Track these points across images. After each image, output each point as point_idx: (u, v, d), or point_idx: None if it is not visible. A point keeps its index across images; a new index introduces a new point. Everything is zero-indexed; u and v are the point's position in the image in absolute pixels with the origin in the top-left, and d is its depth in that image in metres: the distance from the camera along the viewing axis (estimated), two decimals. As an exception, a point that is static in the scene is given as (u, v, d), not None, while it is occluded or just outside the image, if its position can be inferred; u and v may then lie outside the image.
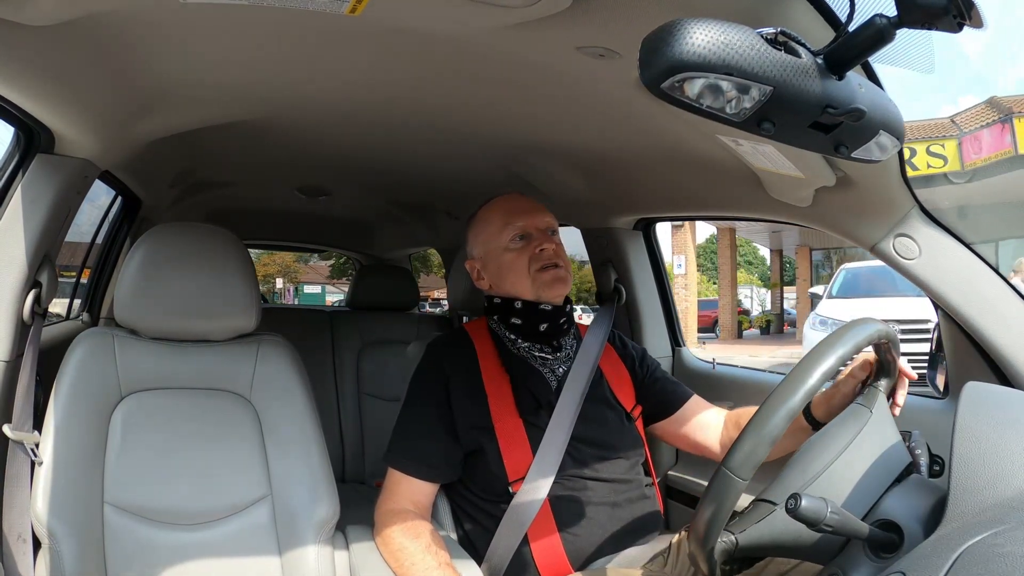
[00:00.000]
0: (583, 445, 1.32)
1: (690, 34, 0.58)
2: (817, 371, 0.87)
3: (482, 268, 1.45)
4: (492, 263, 1.42)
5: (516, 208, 1.43)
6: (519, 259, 1.37)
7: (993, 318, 1.17)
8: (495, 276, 1.42)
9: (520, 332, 1.40)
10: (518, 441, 1.29)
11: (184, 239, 1.28)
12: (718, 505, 0.85)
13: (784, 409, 0.85)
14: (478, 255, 1.46)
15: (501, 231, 1.40)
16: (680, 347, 2.06)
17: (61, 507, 1.10)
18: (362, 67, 1.15)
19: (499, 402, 1.33)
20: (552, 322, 1.39)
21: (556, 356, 1.41)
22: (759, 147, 1.09)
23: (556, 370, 1.40)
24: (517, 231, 1.39)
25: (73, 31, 0.89)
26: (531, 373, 1.37)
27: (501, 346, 1.41)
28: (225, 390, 1.31)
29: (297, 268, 26.39)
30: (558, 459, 1.28)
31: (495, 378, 1.35)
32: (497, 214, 1.43)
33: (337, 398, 2.58)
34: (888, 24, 0.60)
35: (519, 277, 1.37)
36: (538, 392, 1.34)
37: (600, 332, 1.49)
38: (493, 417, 1.31)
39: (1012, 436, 0.75)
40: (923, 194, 1.16)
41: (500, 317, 1.42)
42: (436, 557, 1.16)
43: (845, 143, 0.71)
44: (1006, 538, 0.62)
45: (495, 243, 1.41)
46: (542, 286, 1.36)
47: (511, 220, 1.40)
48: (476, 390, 1.33)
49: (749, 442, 0.85)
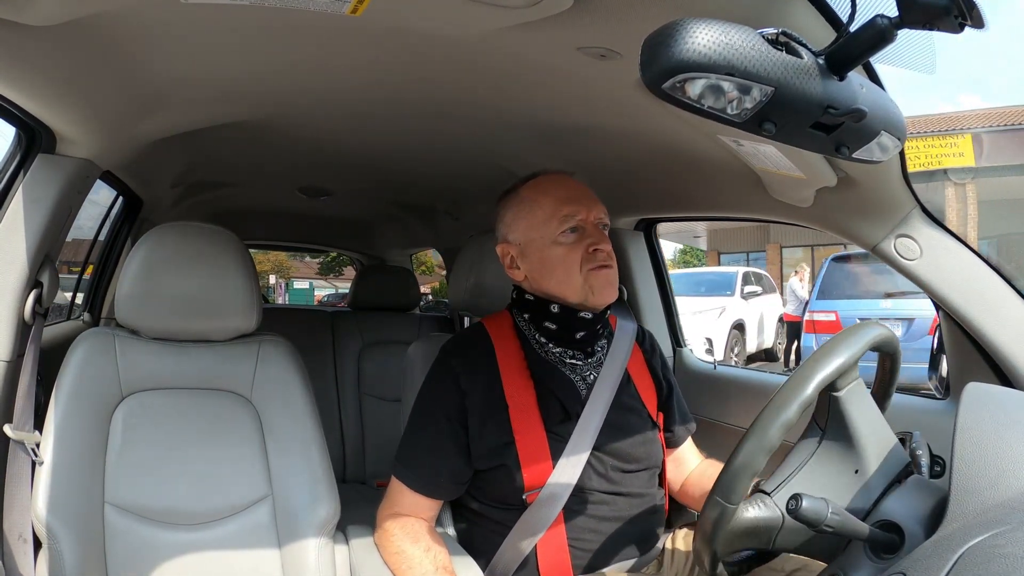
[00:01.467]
0: (605, 456, 1.23)
1: (691, 34, 0.58)
2: (812, 383, 0.86)
3: (519, 256, 1.27)
4: (535, 253, 1.25)
5: (571, 195, 1.26)
6: (570, 256, 1.22)
7: (994, 318, 1.17)
8: (536, 268, 1.25)
9: (553, 337, 1.27)
10: (539, 454, 1.20)
11: (185, 239, 1.27)
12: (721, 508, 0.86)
13: (779, 422, 0.85)
14: (516, 240, 1.27)
15: (550, 219, 1.23)
16: (681, 347, 2.06)
17: (62, 507, 1.10)
18: (363, 67, 1.15)
19: (521, 414, 1.21)
20: (590, 330, 1.27)
21: (587, 362, 1.29)
22: (760, 147, 1.09)
23: (587, 377, 1.28)
24: (570, 223, 1.23)
25: (74, 31, 0.89)
26: (561, 381, 1.25)
27: (527, 347, 1.28)
28: (226, 390, 1.31)
29: (290, 265, 26.91)
30: (578, 471, 1.19)
31: (518, 387, 1.23)
32: (548, 198, 1.25)
33: (338, 398, 2.58)
34: (889, 24, 0.60)
35: (568, 276, 1.22)
36: (567, 402, 1.23)
37: (628, 336, 1.36)
38: (515, 431, 1.20)
39: (1013, 437, 0.75)
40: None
41: (531, 317, 1.28)
42: (434, 561, 1.14)
43: (846, 143, 0.71)
44: (1007, 539, 0.61)
45: (542, 232, 1.24)
46: (592, 290, 1.22)
47: (565, 209, 1.23)
48: (496, 403, 1.22)
49: (753, 442, 0.86)
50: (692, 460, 1.43)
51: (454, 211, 2.62)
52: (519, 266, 1.28)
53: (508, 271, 1.31)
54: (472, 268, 1.61)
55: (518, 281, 1.30)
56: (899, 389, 1.08)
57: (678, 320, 2.09)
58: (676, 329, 2.07)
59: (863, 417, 0.91)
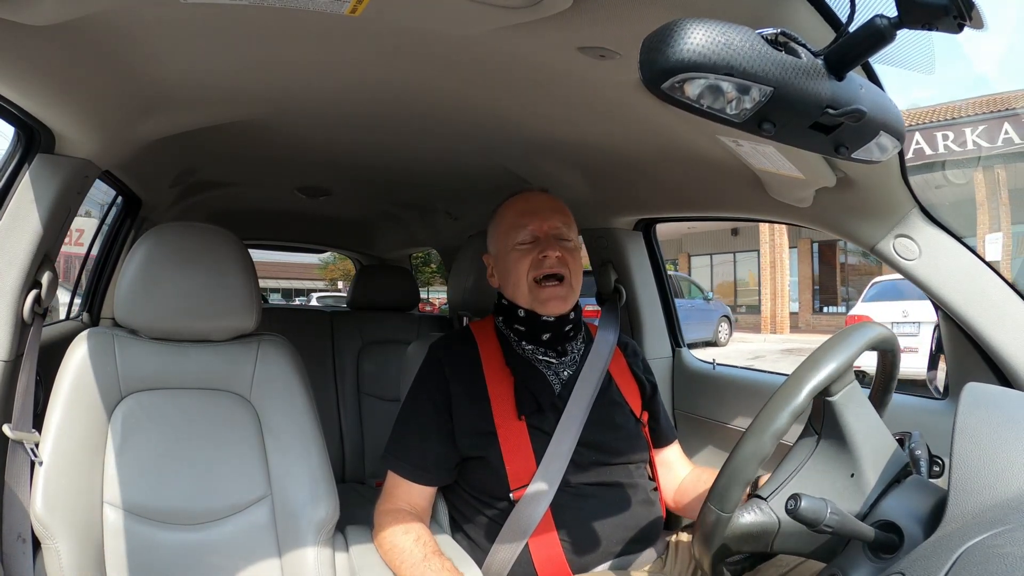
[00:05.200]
0: (590, 450, 1.28)
1: (690, 35, 0.58)
2: (803, 392, 0.86)
3: (494, 265, 1.42)
4: (501, 261, 1.39)
5: (529, 207, 1.38)
6: (521, 262, 1.33)
7: (993, 319, 1.17)
8: (502, 275, 1.39)
9: (524, 336, 1.37)
10: (521, 446, 1.26)
11: (184, 239, 1.27)
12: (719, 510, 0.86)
13: (771, 430, 0.85)
14: (493, 251, 1.43)
15: (510, 229, 1.36)
16: (680, 347, 2.06)
17: (60, 507, 1.10)
18: (362, 67, 1.15)
19: (502, 404, 1.29)
20: (555, 331, 1.36)
21: (561, 360, 1.38)
22: (759, 147, 1.09)
23: (560, 373, 1.37)
24: (523, 233, 1.34)
25: (73, 31, 0.89)
26: (533, 374, 1.34)
27: (506, 346, 1.38)
28: (225, 390, 1.31)
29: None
30: (563, 466, 1.25)
31: (498, 380, 1.32)
32: (511, 211, 1.39)
33: (337, 398, 2.58)
34: (888, 25, 0.60)
35: (518, 281, 1.34)
36: (539, 394, 1.31)
37: (610, 336, 1.46)
38: (496, 421, 1.27)
39: (1012, 437, 0.75)
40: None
41: (505, 319, 1.39)
42: (424, 547, 1.16)
43: (845, 144, 0.71)
44: (1006, 539, 0.61)
45: (504, 241, 1.37)
46: (537, 301, 1.33)
47: (520, 220, 1.36)
48: (478, 393, 1.30)
49: (751, 443, 0.86)
50: (682, 467, 1.46)
51: (454, 211, 2.62)
52: (495, 274, 1.43)
53: (488, 279, 1.46)
54: (472, 268, 1.62)
55: (496, 287, 1.44)
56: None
57: (677, 320, 2.09)
58: (675, 329, 2.07)
59: (859, 422, 0.90)
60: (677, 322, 2.08)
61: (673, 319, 2.07)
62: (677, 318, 2.09)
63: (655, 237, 2.08)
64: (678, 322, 2.09)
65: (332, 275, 28.74)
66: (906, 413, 1.32)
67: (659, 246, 2.09)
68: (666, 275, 2.09)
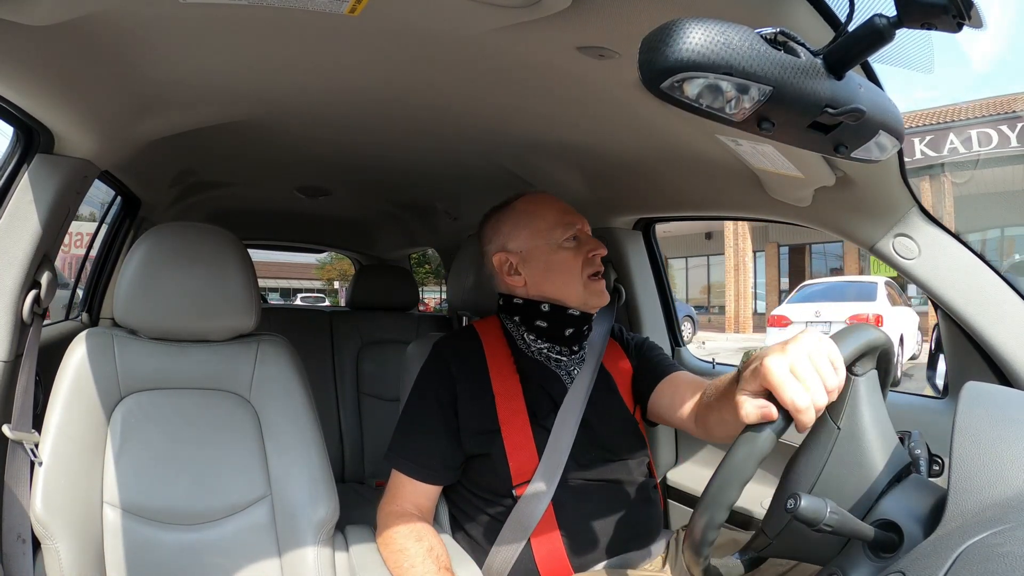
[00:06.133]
0: (588, 447, 1.29)
1: (689, 34, 0.58)
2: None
3: (520, 263, 1.36)
4: (539, 260, 1.34)
5: (568, 208, 1.39)
6: (573, 260, 1.33)
7: (993, 318, 1.17)
8: (539, 273, 1.35)
9: (543, 334, 1.36)
10: (524, 443, 1.26)
11: (184, 239, 1.27)
12: (711, 515, 0.85)
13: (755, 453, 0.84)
14: (518, 248, 1.36)
15: (554, 227, 1.34)
16: (680, 347, 2.06)
17: (60, 507, 1.10)
18: (362, 67, 1.15)
19: (507, 403, 1.29)
20: (578, 327, 1.37)
21: (572, 358, 1.38)
22: (758, 147, 1.09)
23: (571, 372, 1.37)
24: (572, 231, 1.34)
25: (73, 31, 0.89)
26: (547, 374, 1.34)
27: (514, 347, 1.37)
28: (225, 390, 1.31)
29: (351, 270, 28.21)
30: (563, 462, 1.25)
31: (504, 378, 1.31)
32: (551, 210, 1.37)
33: (337, 398, 2.58)
34: (888, 24, 0.60)
35: (571, 278, 1.33)
36: (555, 393, 1.31)
37: (603, 331, 1.46)
38: (500, 419, 1.27)
39: (1012, 436, 0.75)
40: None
41: (522, 319, 1.37)
42: (437, 561, 1.15)
43: (845, 143, 0.71)
44: (1006, 538, 0.61)
45: (547, 238, 1.34)
46: (592, 294, 1.34)
47: (565, 218, 1.35)
48: (483, 390, 1.30)
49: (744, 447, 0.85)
50: (694, 387, 1.31)
51: (453, 211, 2.62)
52: (519, 272, 1.36)
53: (506, 279, 1.37)
54: (471, 268, 1.61)
55: (514, 287, 1.37)
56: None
57: (677, 320, 2.09)
58: (675, 329, 2.07)
59: (875, 411, 0.88)
60: (677, 322, 2.08)
61: (673, 319, 2.07)
62: (677, 318, 2.09)
63: (655, 237, 2.08)
64: (678, 322, 2.09)
65: (329, 275, 28.97)
66: (906, 412, 1.32)
67: (659, 246, 2.09)
68: (665, 274, 2.09)
